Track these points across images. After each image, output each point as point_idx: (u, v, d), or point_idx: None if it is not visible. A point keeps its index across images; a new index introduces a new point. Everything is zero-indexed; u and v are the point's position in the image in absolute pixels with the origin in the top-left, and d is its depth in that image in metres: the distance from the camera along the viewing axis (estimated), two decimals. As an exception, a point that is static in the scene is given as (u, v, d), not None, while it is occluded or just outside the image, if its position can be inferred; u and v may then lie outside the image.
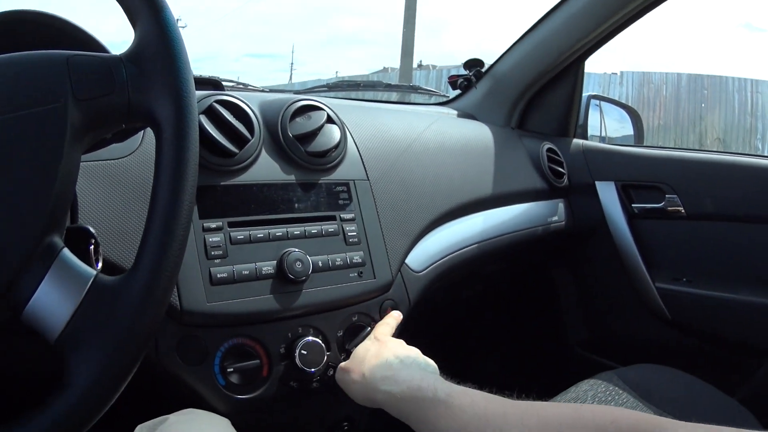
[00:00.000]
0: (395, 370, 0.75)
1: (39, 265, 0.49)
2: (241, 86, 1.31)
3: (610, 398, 0.99)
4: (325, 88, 1.55)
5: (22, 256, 0.48)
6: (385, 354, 0.80)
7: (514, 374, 1.84)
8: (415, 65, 10.25)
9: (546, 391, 1.12)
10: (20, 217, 0.47)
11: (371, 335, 0.88)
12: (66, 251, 0.51)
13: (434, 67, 10.99)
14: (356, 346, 0.90)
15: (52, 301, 0.49)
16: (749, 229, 1.29)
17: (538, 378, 1.78)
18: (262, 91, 1.32)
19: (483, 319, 1.85)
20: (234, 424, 0.78)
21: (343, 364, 0.84)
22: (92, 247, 0.60)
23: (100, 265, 0.61)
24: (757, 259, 1.29)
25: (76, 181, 0.53)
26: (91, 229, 0.60)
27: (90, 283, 0.50)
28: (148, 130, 0.83)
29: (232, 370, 0.80)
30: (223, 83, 1.13)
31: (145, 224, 0.52)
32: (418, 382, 0.70)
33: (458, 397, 0.65)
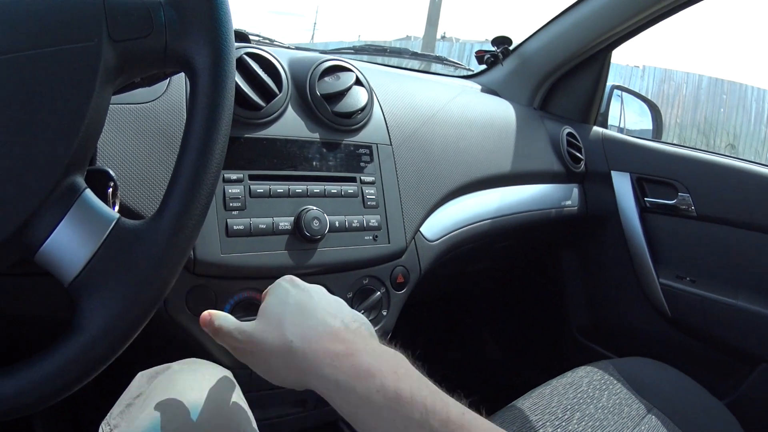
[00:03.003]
0: (345, 344, 0.50)
1: (59, 205, 0.47)
2: (267, 41, 1.30)
3: (604, 387, 1.00)
4: (352, 51, 1.54)
5: (41, 195, 0.46)
6: (318, 309, 0.54)
7: (512, 353, 1.85)
8: (438, 36, 10.10)
9: (542, 373, 1.14)
10: (43, 154, 0.46)
11: (286, 280, 0.61)
12: (88, 192, 0.50)
13: (458, 40, 10.83)
14: (365, 308, 0.90)
15: (70, 243, 0.48)
16: (757, 237, 1.28)
17: (535, 358, 1.80)
18: (288, 47, 1.31)
19: (487, 295, 1.86)
20: (236, 377, 0.79)
21: (246, 326, 0.56)
22: (110, 190, 0.59)
23: (116, 208, 0.59)
24: (760, 268, 1.29)
25: (104, 122, 0.51)
26: (111, 172, 0.59)
27: (112, 225, 0.49)
28: (175, 76, 0.82)
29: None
30: (250, 37, 1.12)
31: (174, 170, 0.51)
32: (394, 381, 0.46)
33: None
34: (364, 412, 0.47)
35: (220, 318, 0.59)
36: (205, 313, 0.60)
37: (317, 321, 0.52)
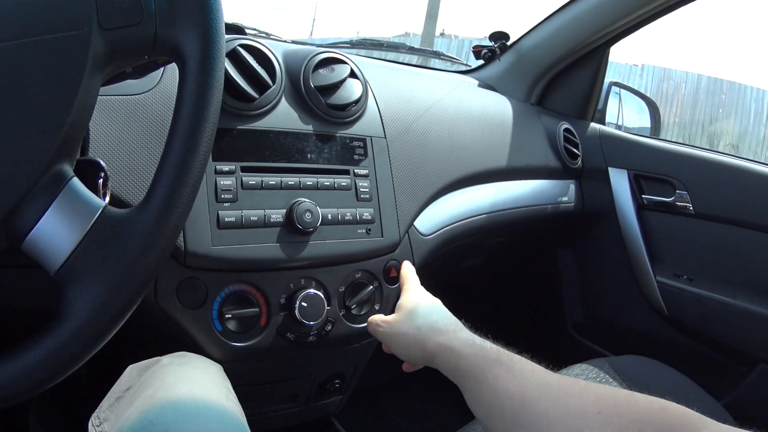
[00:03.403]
0: (456, 327, 0.75)
1: (45, 193, 0.47)
2: (263, 35, 1.29)
3: (599, 384, 0.99)
4: (348, 45, 1.53)
5: (28, 183, 0.46)
6: (440, 309, 0.81)
7: (507, 349, 1.85)
8: (437, 33, 10.08)
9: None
10: (30, 142, 0.46)
11: (412, 286, 0.88)
12: (75, 181, 0.50)
13: (456, 36, 10.83)
14: (357, 302, 0.90)
15: (56, 231, 0.47)
16: (754, 236, 1.28)
17: (531, 356, 1.79)
18: (285, 41, 1.31)
19: (481, 291, 1.86)
20: (226, 371, 0.79)
21: (385, 317, 0.83)
22: (101, 181, 0.58)
23: (107, 199, 0.59)
24: (759, 268, 1.29)
25: (92, 111, 0.51)
26: (102, 163, 0.59)
27: (98, 214, 0.49)
28: (168, 68, 0.82)
29: (230, 316, 0.80)
30: (246, 31, 1.12)
31: (161, 158, 0.51)
32: (480, 341, 0.71)
33: (520, 362, 0.66)
34: (460, 360, 0.69)
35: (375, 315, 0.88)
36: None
37: (436, 317, 0.78)
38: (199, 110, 0.50)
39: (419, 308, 0.80)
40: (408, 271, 0.93)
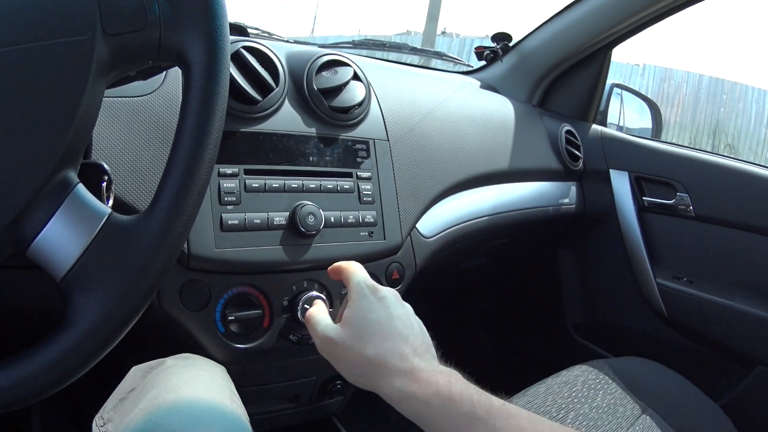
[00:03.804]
0: (412, 364, 0.61)
1: (51, 200, 0.47)
2: (265, 35, 1.29)
3: (599, 386, 1.00)
4: (350, 45, 1.53)
5: (33, 189, 0.46)
6: (394, 333, 0.63)
7: (507, 351, 1.85)
8: (439, 32, 10.06)
9: (537, 371, 1.13)
10: (35, 149, 0.45)
11: (362, 290, 0.68)
12: (81, 187, 0.49)
13: (458, 35, 10.81)
14: None
15: (62, 238, 0.47)
16: (754, 239, 1.28)
17: (531, 357, 1.80)
18: (287, 41, 1.31)
19: (482, 293, 1.86)
20: (228, 372, 0.79)
21: (332, 333, 0.66)
22: (104, 184, 0.58)
23: (110, 203, 0.59)
24: (758, 270, 1.29)
25: (96, 117, 0.51)
26: (105, 166, 0.58)
27: (104, 221, 0.49)
28: (171, 70, 0.82)
29: (233, 318, 0.80)
30: (248, 31, 1.12)
31: (167, 164, 0.50)
32: (447, 387, 0.58)
33: (500, 417, 0.55)
34: (425, 412, 0.58)
35: (319, 311, 0.72)
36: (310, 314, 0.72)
37: (393, 344, 0.62)
38: (204, 117, 0.50)
39: (370, 328, 0.64)
40: (353, 269, 0.71)
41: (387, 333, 0.63)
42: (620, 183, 1.48)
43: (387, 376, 0.60)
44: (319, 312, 0.71)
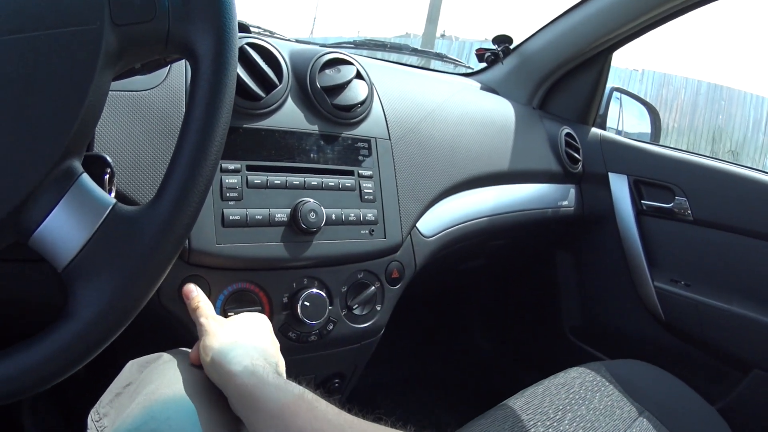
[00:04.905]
0: (255, 378, 0.61)
1: (55, 188, 0.47)
2: (267, 33, 1.29)
3: (596, 388, 1.00)
4: (352, 45, 1.53)
5: (38, 177, 0.45)
6: (259, 338, 0.69)
7: (505, 351, 1.86)
8: (438, 35, 10.06)
9: (534, 373, 1.14)
10: (42, 136, 0.45)
11: (208, 317, 0.72)
12: (85, 177, 0.49)
13: (457, 38, 10.82)
14: (359, 302, 0.91)
15: (65, 227, 0.47)
16: (752, 243, 1.29)
17: (528, 358, 1.80)
18: (289, 40, 1.31)
19: (481, 293, 1.87)
20: None
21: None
22: (107, 176, 0.58)
23: (113, 195, 0.58)
24: (755, 274, 1.29)
25: (103, 107, 0.50)
26: (108, 158, 0.58)
27: (108, 211, 0.49)
28: (175, 65, 0.82)
29: (233, 314, 0.80)
30: (251, 29, 1.12)
31: (173, 156, 0.50)
32: (285, 379, 0.60)
33: (326, 405, 0.57)
34: (257, 387, 0.58)
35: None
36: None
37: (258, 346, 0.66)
38: (212, 110, 0.50)
39: (239, 328, 0.70)
40: (201, 300, 0.75)
41: (252, 337, 0.69)
42: (619, 186, 1.48)
43: (230, 387, 0.61)
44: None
